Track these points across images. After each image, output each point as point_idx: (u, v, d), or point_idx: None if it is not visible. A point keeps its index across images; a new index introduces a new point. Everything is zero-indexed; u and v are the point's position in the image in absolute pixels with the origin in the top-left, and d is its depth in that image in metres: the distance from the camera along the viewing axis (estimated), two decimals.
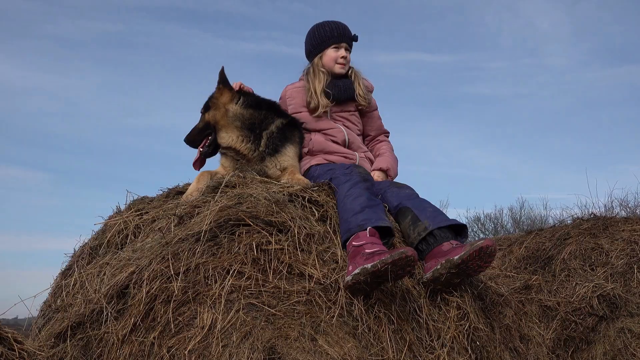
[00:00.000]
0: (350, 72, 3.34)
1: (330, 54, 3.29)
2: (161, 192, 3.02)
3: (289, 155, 3.02)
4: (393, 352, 2.21)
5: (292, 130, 3.12)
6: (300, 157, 3.17)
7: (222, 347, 2.11)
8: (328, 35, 3.29)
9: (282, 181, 2.79)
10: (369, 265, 2.17)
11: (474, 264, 2.36)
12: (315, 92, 3.22)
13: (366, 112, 3.40)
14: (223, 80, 3.10)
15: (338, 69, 3.29)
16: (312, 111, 3.23)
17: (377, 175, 3.16)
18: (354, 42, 3.39)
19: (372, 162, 3.30)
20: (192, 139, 3.13)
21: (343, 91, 3.27)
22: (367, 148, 3.42)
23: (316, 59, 3.31)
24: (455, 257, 2.32)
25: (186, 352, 2.10)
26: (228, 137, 3.01)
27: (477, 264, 2.37)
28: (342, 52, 3.28)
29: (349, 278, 2.22)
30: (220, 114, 3.04)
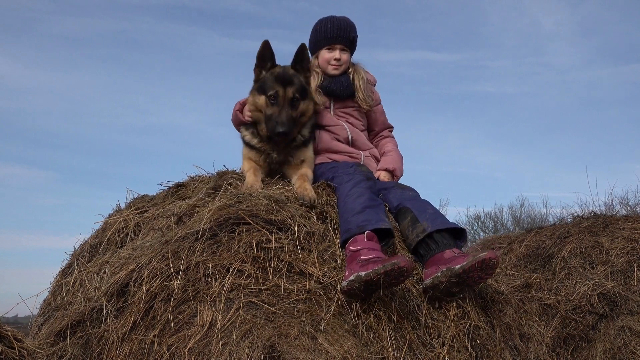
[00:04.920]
0: (350, 70, 3.29)
1: (324, 55, 3.23)
2: (161, 189, 3.00)
3: (309, 148, 3.01)
4: (393, 350, 2.21)
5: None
6: None
7: (222, 345, 2.11)
8: (322, 36, 3.23)
9: (292, 181, 2.78)
10: (362, 274, 2.18)
11: (475, 274, 2.34)
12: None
13: (369, 107, 3.34)
14: None
15: (331, 70, 3.23)
16: None
17: (382, 176, 3.11)
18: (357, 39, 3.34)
19: (377, 160, 3.26)
20: (291, 129, 2.83)
21: (345, 87, 3.22)
22: (372, 143, 3.37)
23: (313, 58, 3.26)
24: (457, 267, 2.31)
25: (186, 351, 2.11)
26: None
27: (478, 275, 2.35)
28: (336, 53, 3.20)
29: (344, 283, 2.23)
30: (311, 108, 3.01)
